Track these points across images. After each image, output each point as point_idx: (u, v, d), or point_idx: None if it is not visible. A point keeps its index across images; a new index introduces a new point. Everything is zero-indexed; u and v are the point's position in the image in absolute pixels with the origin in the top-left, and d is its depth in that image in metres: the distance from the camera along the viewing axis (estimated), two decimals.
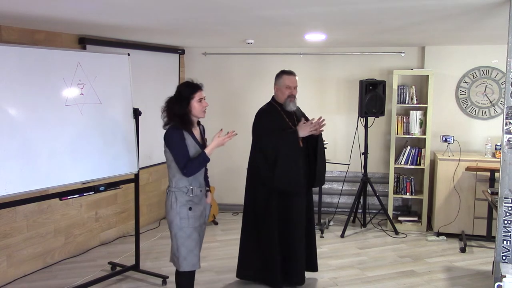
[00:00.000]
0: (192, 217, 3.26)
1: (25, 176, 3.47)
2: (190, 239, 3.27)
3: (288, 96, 3.99)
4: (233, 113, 6.44)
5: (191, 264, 3.29)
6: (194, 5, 3.21)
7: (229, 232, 5.76)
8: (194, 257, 3.29)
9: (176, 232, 3.25)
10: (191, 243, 3.27)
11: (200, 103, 3.25)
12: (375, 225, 6.03)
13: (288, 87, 3.98)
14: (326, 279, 4.38)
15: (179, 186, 3.26)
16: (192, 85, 3.28)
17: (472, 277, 4.45)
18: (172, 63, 6.23)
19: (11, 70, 3.41)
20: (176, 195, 3.24)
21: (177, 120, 3.22)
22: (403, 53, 6.11)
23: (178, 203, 3.24)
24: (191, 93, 3.23)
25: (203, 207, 3.37)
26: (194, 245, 3.29)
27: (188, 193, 3.25)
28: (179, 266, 3.29)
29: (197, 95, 3.24)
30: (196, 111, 3.26)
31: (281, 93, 4.01)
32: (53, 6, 3.21)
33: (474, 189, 5.43)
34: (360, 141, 5.93)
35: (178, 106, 3.21)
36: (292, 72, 4.06)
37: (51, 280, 4.33)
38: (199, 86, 3.29)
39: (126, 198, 5.53)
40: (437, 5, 3.14)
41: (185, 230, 3.24)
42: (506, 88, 2.89)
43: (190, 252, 3.27)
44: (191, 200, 3.27)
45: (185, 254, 3.26)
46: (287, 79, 3.99)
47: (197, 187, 3.31)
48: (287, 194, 3.97)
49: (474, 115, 5.93)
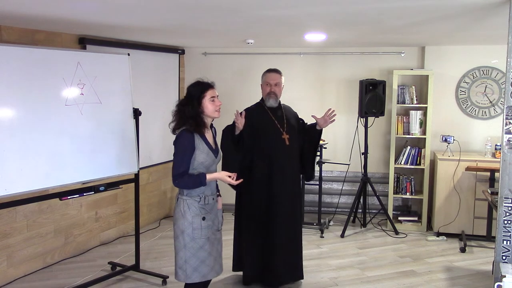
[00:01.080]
0: (205, 227, 3.06)
1: (25, 176, 3.47)
2: (203, 249, 3.06)
3: (268, 92, 4.12)
4: (232, 113, 6.42)
5: (201, 275, 3.08)
6: (194, 5, 3.20)
7: (229, 232, 5.72)
8: (205, 267, 3.09)
9: (187, 242, 3.03)
10: (203, 253, 3.07)
11: (213, 102, 3.05)
12: (375, 225, 6.03)
13: (267, 84, 4.13)
14: (326, 279, 4.38)
15: (191, 194, 3.04)
16: (202, 83, 3.09)
17: (472, 277, 4.45)
18: (172, 63, 6.23)
19: (11, 70, 3.41)
20: (188, 204, 3.04)
21: (190, 122, 3.01)
22: (403, 53, 6.11)
23: (191, 212, 3.03)
24: (202, 91, 3.04)
25: (214, 214, 3.16)
26: (207, 256, 3.09)
27: (200, 202, 3.05)
28: (187, 278, 3.07)
29: (208, 94, 3.04)
30: (209, 111, 3.05)
31: (263, 90, 4.19)
32: (53, 6, 3.20)
33: (474, 189, 5.43)
34: (360, 141, 5.93)
35: (189, 107, 3.01)
36: (274, 69, 4.18)
37: (51, 280, 4.33)
38: (210, 84, 3.09)
39: (126, 198, 5.53)
40: (437, 5, 3.14)
41: (197, 241, 3.04)
42: (506, 88, 2.89)
43: (202, 263, 3.07)
44: (204, 209, 3.07)
45: (196, 265, 3.06)
46: (267, 76, 4.15)
47: (210, 195, 3.11)
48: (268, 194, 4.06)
49: (474, 115, 5.93)
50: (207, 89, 3.06)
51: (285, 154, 4.08)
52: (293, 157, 4.16)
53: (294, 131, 4.17)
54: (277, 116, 4.13)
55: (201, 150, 3.03)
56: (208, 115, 3.08)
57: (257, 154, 4.05)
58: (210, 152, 3.08)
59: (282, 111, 4.19)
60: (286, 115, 4.19)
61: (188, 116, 3.02)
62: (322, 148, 5.74)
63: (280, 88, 4.15)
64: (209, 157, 3.08)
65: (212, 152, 3.10)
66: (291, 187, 4.13)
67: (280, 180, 4.05)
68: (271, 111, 4.13)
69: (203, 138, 3.06)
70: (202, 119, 3.06)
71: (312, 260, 4.81)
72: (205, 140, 3.07)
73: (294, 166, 4.16)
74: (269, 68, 4.21)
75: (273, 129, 4.08)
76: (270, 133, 4.07)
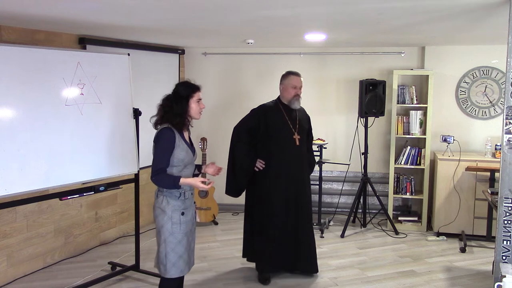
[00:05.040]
0: (184, 222, 3.14)
1: (25, 176, 3.47)
2: (181, 244, 3.14)
3: (294, 95, 4.21)
4: (233, 113, 6.43)
5: (179, 270, 3.16)
6: (194, 5, 3.21)
7: (229, 232, 5.76)
8: (183, 263, 3.17)
9: (166, 237, 3.11)
10: (181, 248, 3.14)
11: (198, 104, 3.19)
12: (375, 225, 6.03)
13: (294, 87, 4.22)
14: (326, 279, 4.38)
15: (171, 189, 3.13)
16: (192, 85, 3.21)
17: (472, 277, 4.45)
18: (172, 63, 6.23)
19: (11, 70, 3.41)
20: (168, 199, 3.11)
21: (177, 120, 3.11)
22: (403, 53, 6.11)
23: (170, 207, 3.11)
24: (192, 91, 3.17)
25: (192, 210, 3.25)
26: (184, 251, 3.16)
27: (180, 197, 3.14)
28: (166, 272, 3.14)
29: (196, 95, 3.17)
30: (193, 112, 3.18)
31: (287, 93, 4.24)
32: (53, 6, 3.21)
33: (474, 189, 5.43)
34: (360, 141, 5.93)
35: (177, 105, 3.12)
36: (298, 73, 4.30)
37: (51, 280, 4.33)
38: (198, 87, 3.22)
39: (126, 198, 5.53)
40: (437, 5, 3.14)
41: (176, 235, 3.11)
42: (506, 88, 2.89)
43: (179, 258, 3.14)
44: (183, 204, 3.15)
45: (174, 260, 3.13)
46: (293, 79, 4.23)
47: (188, 190, 3.20)
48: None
49: (474, 115, 5.93)
50: (196, 90, 3.19)
51: (295, 154, 4.24)
52: (302, 157, 4.32)
53: (304, 133, 4.35)
54: (291, 117, 4.27)
55: (181, 148, 3.12)
56: (192, 115, 3.19)
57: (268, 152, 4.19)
58: (189, 150, 3.18)
59: (296, 112, 4.32)
60: (299, 116, 4.33)
61: (174, 113, 3.11)
62: (322, 148, 5.75)
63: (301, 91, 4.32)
64: (188, 155, 3.17)
65: (191, 151, 3.21)
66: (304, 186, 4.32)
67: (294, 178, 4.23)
68: (286, 111, 4.26)
69: (182, 136, 3.16)
70: (187, 118, 3.17)
71: None
72: (183, 138, 3.16)
73: (303, 166, 4.32)
74: (291, 71, 4.31)
75: (286, 128, 4.22)
76: (283, 132, 4.22)
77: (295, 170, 4.24)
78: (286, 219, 4.21)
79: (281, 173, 4.19)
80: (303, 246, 4.31)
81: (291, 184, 4.22)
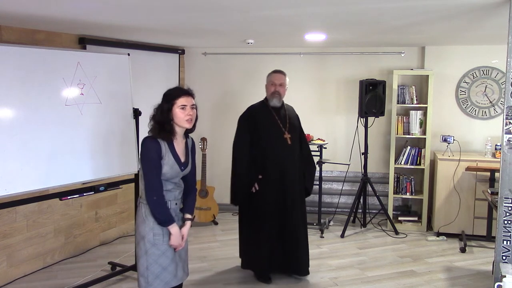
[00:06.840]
0: (167, 233, 2.90)
1: (25, 176, 3.47)
2: (164, 256, 2.92)
3: (272, 92, 4.22)
4: (233, 112, 6.42)
5: (164, 283, 2.93)
6: (194, 5, 3.21)
7: (229, 232, 5.75)
8: (168, 275, 2.94)
9: (148, 249, 2.90)
10: (165, 260, 2.93)
11: (183, 110, 2.84)
12: (375, 225, 6.03)
13: (273, 84, 4.25)
14: (326, 279, 4.38)
15: None
16: (177, 89, 2.94)
17: (472, 277, 4.45)
18: (172, 63, 6.23)
19: (11, 70, 3.40)
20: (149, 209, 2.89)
21: (156, 127, 2.87)
22: (403, 53, 6.11)
23: (151, 217, 2.89)
24: (173, 98, 2.85)
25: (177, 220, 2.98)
26: (169, 262, 2.94)
27: None
28: (149, 285, 2.91)
29: (179, 101, 2.84)
30: (178, 119, 2.86)
31: (267, 90, 4.29)
32: (53, 6, 3.21)
33: (474, 189, 5.43)
34: (360, 141, 5.93)
35: (160, 112, 2.87)
36: (280, 71, 4.32)
37: (51, 280, 4.33)
38: (185, 91, 2.91)
39: (126, 198, 5.53)
40: (437, 5, 3.14)
41: (159, 247, 2.90)
42: (506, 88, 2.89)
43: (164, 270, 2.93)
44: None
45: (158, 272, 2.91)
46: (273, 76, 4.28)
47: (172, 200, 2.96)
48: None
49: (474, 115, 5.93)
50: (180, 96, 2.87)
51: (288, 154, 4.21)
52: (295, 156, 4.27)
53: (295, 131, 4.31)
54: (280, 116, 4.25)
55: (166, 161, 2.86)
56: (177, 123, 2.88)
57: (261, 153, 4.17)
58: (176, 164, 2.90)
59: (285, 111, 4.30)
60: (288, 115, 4.31)
61: (156, 121, 2.89)
62: (322, 148, 5.75)
63: (284, 89, 4.29)
64: (173, 170, 2.90)
65: (178, 167, 2.92)
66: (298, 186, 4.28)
67: (288, 178, 4.18)
68: (274, 110, 4.25)
69: (170, 147, 2.89)
70: (172, 126, 2.89)
71: (312, 260, 4.79)
72: (172, 150, 2.90)
73: (296, 166, 4.27)
74: (275, 69, 4.34)
75: (275, 128, 4.20)
76: (273, 132, 4.20)
77: (288, 170, 4.19)
78: (278, 219, 4.17)
79: (275, 174, 4.15)
80: (294, 246, 4.25)
81: (284, 185, 4.17)
